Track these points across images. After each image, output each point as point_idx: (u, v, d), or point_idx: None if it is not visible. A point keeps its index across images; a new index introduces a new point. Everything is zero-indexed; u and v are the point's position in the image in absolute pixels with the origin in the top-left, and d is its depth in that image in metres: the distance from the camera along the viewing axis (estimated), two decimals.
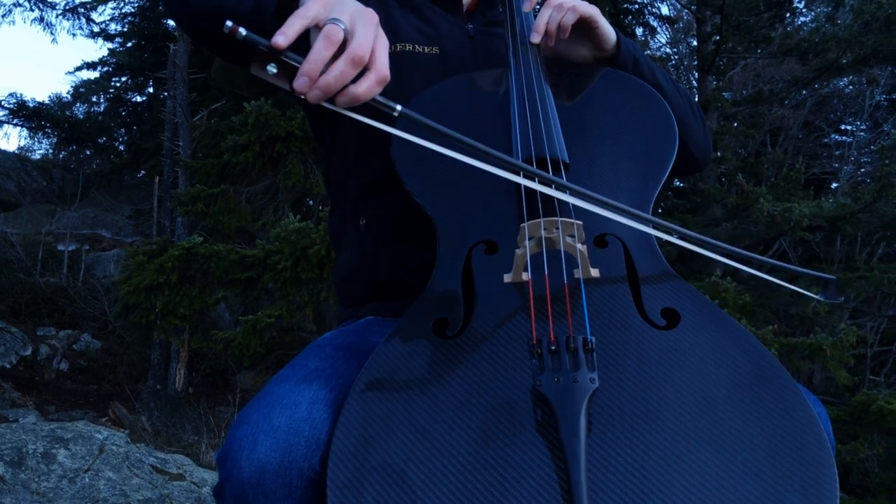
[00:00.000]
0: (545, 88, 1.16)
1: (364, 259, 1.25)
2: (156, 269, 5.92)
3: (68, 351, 9.65)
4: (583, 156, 1.08)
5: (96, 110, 19.99)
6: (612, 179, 1.06)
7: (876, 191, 6.25)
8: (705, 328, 0.88)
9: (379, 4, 1.37)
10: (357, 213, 1.27)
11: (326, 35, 0.84)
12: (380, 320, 1.20)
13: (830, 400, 8.08)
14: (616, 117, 1.16)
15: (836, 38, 7.81)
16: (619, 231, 0.99)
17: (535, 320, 0.87)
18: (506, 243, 0.97)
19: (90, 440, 4.00)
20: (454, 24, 1.39)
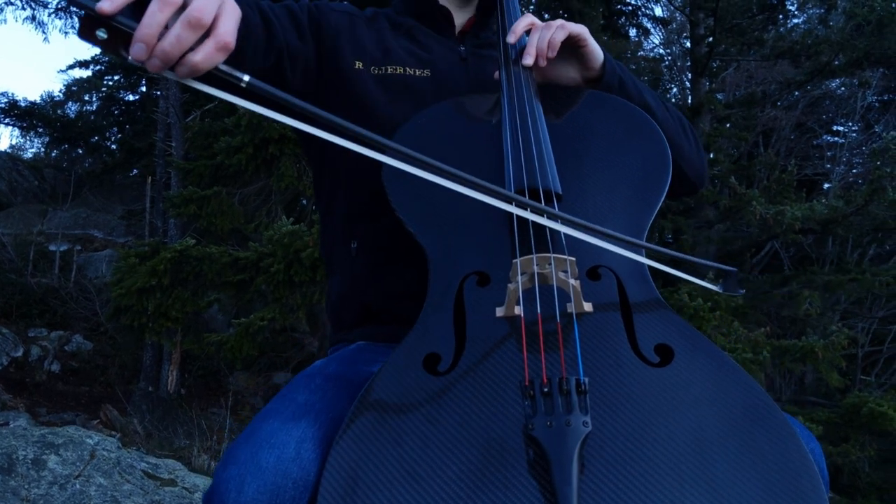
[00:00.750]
0: (538, 114, 1.15)
1: (355, 283, 1.24)
2: (148, 271, 5.90)
3: (60, 352, 9.61)
4: (576, 185, 1.07)
5: (88, 109, 19.92)
6: (606, 208, 1.05)
7: (867, 194, 6.27)
8: (698, 365, 0.87)
9: (371, 27, 1.37)
10: (348, 236, 1.26)
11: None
12: (371, 346, 1.19)
13: (822, 401, 8.12)
14: (609, 143, 1.15)
15: (828, 42, 7.84)
16: (612, 263, 0.99)
17: (528, 358, 0.86)
18: (498, 275, 0.96)
19: (81, 445, 3.98)
20: (446, 46, 1.39)
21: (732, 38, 8.62)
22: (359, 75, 1.29)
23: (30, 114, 15.47)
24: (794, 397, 8.39)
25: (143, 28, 0.77)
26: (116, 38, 0.79)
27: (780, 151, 14.62)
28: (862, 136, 15.05)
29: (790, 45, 8.27)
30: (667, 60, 17.30)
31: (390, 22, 1.41)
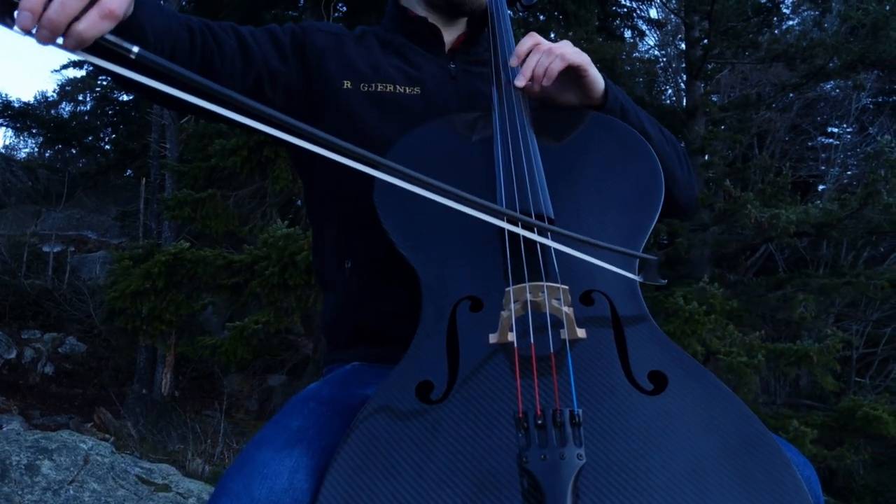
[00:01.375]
0: (529, 134, 1.14)
1: (348, 302, 1.23)
2: (142, 274, 5.88)
3: (53, 354, 9.57)
4: (568, 208, 1.07)
5: (82, 109, 19.86)
6: (598, 231, 1.05)
7: (862, 197, 6.29)
8: (691, 392, 0.87)
9: (360, 45, 1.36)
10: (341, 255, 1.25)
11: None
12: (365, 367, 1.18)
13: (817, 404, 8.14)
14: (602, 164, 1.15)
15: (823, 45, 7.85)
16: (604, 287, 0.98)
17: (521, 387, 0.85)
18: (490, 300, 0.96)
19: (75, 450, 3.96)
20: (436, 63, 1.38)
21: (727, 41, 8.63)
22: (347, 94, 1.29)
23: (23, 114, 15.41)
24: (788, 400, 8.41)
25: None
26: (3, 9, 0.77)
27: (775, 153, 14.66)
28: (857, 138, 15.11)
29: (785, 48, 8.28)
30: (661, 62, 17.35)
31: (379, 40, 1.40)
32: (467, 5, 1.36)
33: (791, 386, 10.15)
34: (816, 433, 5.96)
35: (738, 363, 6.04)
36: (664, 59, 17.16)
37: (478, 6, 1.37)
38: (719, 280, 8.36)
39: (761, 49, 8.78)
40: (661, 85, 17.93)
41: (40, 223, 12.99)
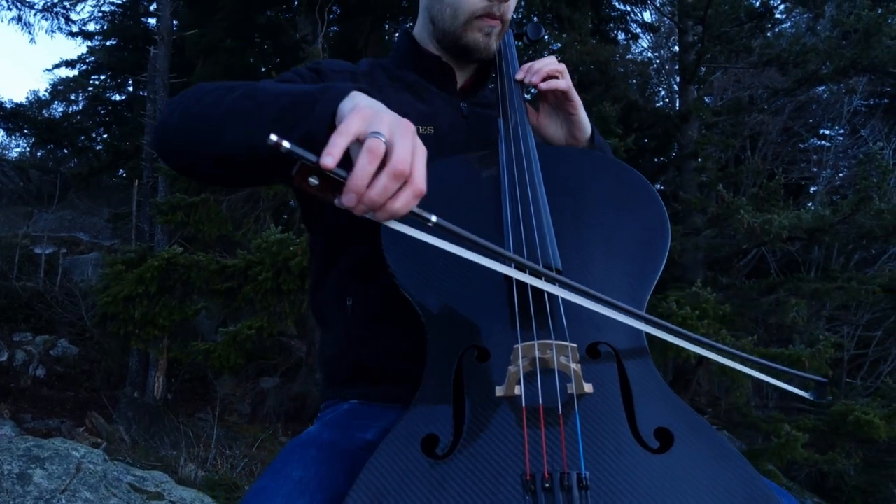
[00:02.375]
0: (536, 176, 1.14)
1: (350, 341, 1.22)
2: (135, 279, 5.86)
3: (45, 357, 9.52)
4: (575, 258, 1.06)
5: (75, 108, 19.76)
6: (605, 282, 1.04)
7: (854, 203, 6.32)
8: (697, 451, 0.87)
9: (372, 83, 1.36)
10: (344, 293, 1.24)
11: (370, 149, 0.84)
12: (364, 406, 1.17)
13: (808, 408, 8.17)
14: (608, 209, 1.14)
15: (815, 50, 7.89)
16: (611, 339, 0.98)
17: (528, 444, 0.85)
18: (497, 351, 0.95)
19: (67, 458, 3.95)
20: (448, 102, 1.38)
21: (721, 46, 8.66)
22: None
23: (15, 115, 15.33)
24: (780, 403, 8.43)
25: (355, 179, 0.84)
26: (327, 185, 0.86)
27: (767, 155, 14.71)
28: (848, 141, 15.17)
29: (778, 53, 8.31)
30: (655, 64, 17.38)
31: (389, 75, 1.40)
32: (480, 53, 1.36)
33: None
34: (808, 437, 5.98)
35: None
36: (657, 61, 17.21)
37: (489, 55, 1.37)
38: (712, 283, 8.38)
39: (754, 53, 8.81)
40: (654, 87, 17.97)
41: (32, 224, 12.93)
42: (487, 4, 1.30)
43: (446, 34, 1.36)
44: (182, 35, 8.96)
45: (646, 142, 9.46)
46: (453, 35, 1.35)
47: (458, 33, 1.34)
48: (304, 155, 0.82)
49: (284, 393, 9.21)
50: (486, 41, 1.34)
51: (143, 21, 16.97)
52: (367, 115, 0.88)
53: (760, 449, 6.15)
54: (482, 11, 1.31)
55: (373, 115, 0.88)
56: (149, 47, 9.80)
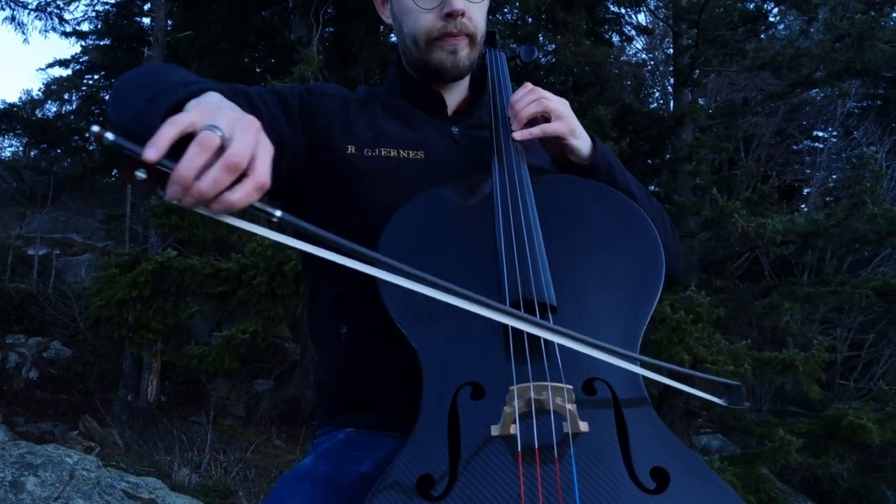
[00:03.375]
0: (530, 204, 1.13)
1: (344, 369, 1.22)
2: (128, 282, 5.84)
3: (38, 359, 9.49)
4: (570, 292, 1.05)
5: (68, 108, 19.69)
6: (600, 316, 1.04)
7: (848, 208, 6.34)
8: (693, 491, 0.87)
9: (363, 110, 1.36)
10: (338, 320, 1.24)
11: (200, 141, 0.80)
12: (360, 436, 1.17)
13: (802, 411, 8.20)
14: (603, 241, 1.13)
15: (809, 54, 7.91)
16: (607, 375, 0.97)
17: (524, 486, 0.84)
18: (492, 388, 0.95)
19: (60, 465, 3.93)
20: (439, 128, 1.38)
21: (715, 49, 8.68)
22: (352, 160, 1.28)
23: (8, 115, 15.28)
24: (773, 407, 8.46)
25: (180, 171, 0.79)
26: (155, 178, 0.81)
27: (761, 157, 14.77)
28: (842, 143, 15.23)
29: (772, 57, 8.33)
30: (649, 65, 17.42)
31: (382, 103, 1.40)
32: (450, 72, 1.35)
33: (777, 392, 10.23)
34: (802, 442, 6.00)
35: (725, 372, 6.08)
36: (652, 62, 17.26)
37: (461, 72, 1.37)
38: (706, 286, 8.40)
39: (748, 57, 8.84)
40: (648, 88, 18.02)
41: (25, 225, 12.89)
42: (442, 24, 1.31)
43: (416, 62, 1.37)
44: (176, 37, 8.94)
45: (640, 144, 9.47)
46: (421, 60, 1.35)
47: (424, 58, 1.34)
48: (127, 146, 0.78)
49: (279, 395, 9.21)
50: (452, 59, 1.33)
51: (137, 21, 16.91)
52: (207, 109, 0.86)
53: (755, 453, 6.17)
54: (438, 32, 1.31)
55: (213, 110, 0.86)
56: (143, 49, 9.78)
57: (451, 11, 1.29)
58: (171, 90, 0.98)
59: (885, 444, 6.34)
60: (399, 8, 1.35)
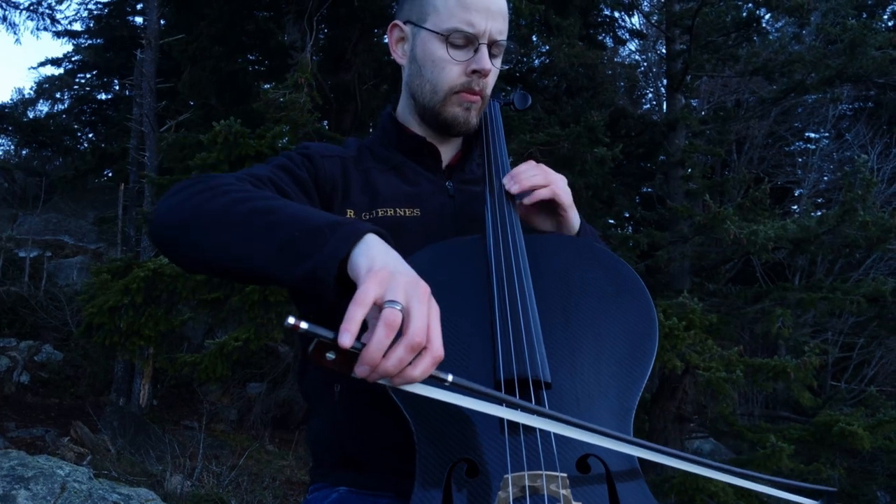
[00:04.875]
0: (524, 272, 1.12)
1: (337, 429, 1.21)
2: (121, 289, 5.82)
3: (29, 363, 9.45)
4: (564, 363, 1.04)
5: (60, 107, 19.61)
6: (595, 388, 1.03)
7: (839, 215, 6.36)
8: None
9: (358, 168, 1.35)
10: (332, 378, 1.23)
11: (386, 323, 0.84)
12: (353, 495, 1.16)
13: (793, 416, 8.24)
14: (596, 305, 1.12)
15: (801, 60, 7.93)
16: (601, 452, 0.97)
17: None
18: (488, 469, 0.94)
19: (52, 478, 3.92)
20: (434, 183, 1.38)
21: (708, 55, 8.70)
22: None
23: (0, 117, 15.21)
24: (765, 412, 8.49)
25: (370, 352, 0.84)
26: (343, 357, 0.86)
27: (753, 159, 14.81)
28: (834, 145, 15.28)
29: (764, 62, 8.36)
30: (643, 66, 17.44)
31: (375, 157, 1.40)
32: (460, 127, 1.36)
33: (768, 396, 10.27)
34: (793, 448, 6.02)
35: (718, 378, 6.09)
36: (645, 63, 17.28)
37: (469, 129, 1.37)
38: (699, 289, 8.43)
39: (741, 62, 8.87)
40: (641, 89, 18.05)
41: (16, 227, 12.82)
42: (466, 80, 1.31)
43: (426, 109, 1.36)
44: (169, 41, 8.90)
45: (634, 148, 9.50)
46: (433, 110, 1.35)
47: (438, 108, 1.34)
48: (322, 333, 0.83)
49: (272, 399, 9.19)
50: (465, 115, 1.34)
51: (129, 20, 16.85)
52: (383, 278, 0.88)
53: (747, 459, 6.19)
54: (461, 87, 1.32)
55: (389, 279, 0.88)
56: (135, 52, 9.73)
57: (480, 69, 1.29)
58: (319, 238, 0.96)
59: (876, 449, 6.37)
60: (425, 54, 1.33)
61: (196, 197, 1.07)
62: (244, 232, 1.00)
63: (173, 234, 1.07)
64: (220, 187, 1.07)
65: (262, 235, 0.99)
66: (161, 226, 1.09)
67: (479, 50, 1.29)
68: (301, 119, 6.12)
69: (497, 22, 1.31)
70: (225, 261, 1.01)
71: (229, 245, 1.00)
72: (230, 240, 1.01)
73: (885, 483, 9.51)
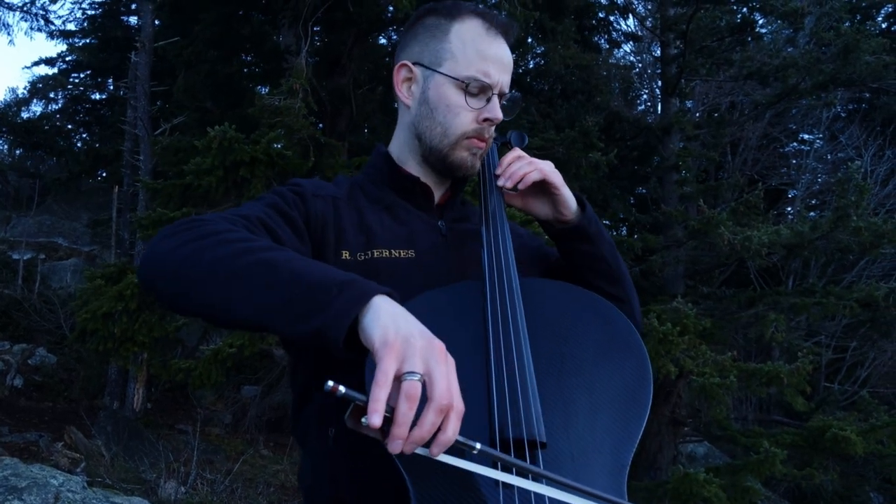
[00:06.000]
0: (521, 325, 1.11)
1: (330, 474, 1.20)
2: (114, 295, 5.81)
3: (23, 366, 9.41)
4: (559, 420, 1.04)
5: (54, 107, 19.54)
6: (590, 444, 1.03)
7: (832, 221, 6.39)
8: None
9: (351, 207, 1.35)
10: (326, 422, 1.22)
11: (408, 395, 0.86)
12: None
13: (787, 421, 8.26)
14: (592, 357, 1.12)
15: (795, 65, 7.95)
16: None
17: None
18: None
19: (45, 488, 3.91)
20: (427, 222, 1.39)
21: (702, 59, 8.72)
22: (345, 266, 1.27)
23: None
24: (758, 416, 8.52)
25: (399, 427, 0.86)
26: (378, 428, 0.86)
27: (748, 160, 14.83)
28: (828, 146, 15.32)
29: (758, 67, 8.38)
30: (637, 67, 17.46)
31: (367, 196, 1.40)
32: (466, 171, 1.38)
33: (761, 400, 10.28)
34: (786, 454, 6.04)
35: (711, 384, 6.11)
36: (640, 65, 17.30)
37: (472, 174, 1.40)
38: (692, 292, 8.45)
39: (735, 66, 8.89)
40: (636, 90, 18.07)
41: (10, 229, 12.77)
42: (478, 127, 1.33)
43: (433, 151, 1.37)
44: (164, 44, 8.87)
45: (628, 152, 9.51)
46: (441, 153, 1.36)
47: (446, 152, 1.35)
48: (357, 398, 0.86)
49: (266, 403, 9.18)
50: (472, 160, 1.37)
51: (123, 20, 16.80)
52: (399, 349, 0.89)
53: (740, 465, 6.21)
54: (473, 133, 1.34)
55: (405, 349, 0.89)
56: (129, 55, 9.71)
57: (491, 118, 1.33)
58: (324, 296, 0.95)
59: (869, 454, 6.40)
60: (439, 98, 1.34)
61: (190, 245, 1.05)
62: (245, 284, 0.99)
63: (163, 284, 1.06)
64: (216, 235, 1.06)
65: (266, 289, 0.98)
66: (151, 272, 1.08)
67: (492, 100, 1.33)
68: (296, 125, 6.11)
69: (508, 75, 1.35)
70: (221, 313, 1.01)
71: (230, 297, 1.00)
72: (230, 295, 1.00)
73: (878, 486, 9.54)
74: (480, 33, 1.33)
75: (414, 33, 1.40)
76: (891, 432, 6.30)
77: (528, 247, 1.50)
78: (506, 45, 1.36)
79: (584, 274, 1.41)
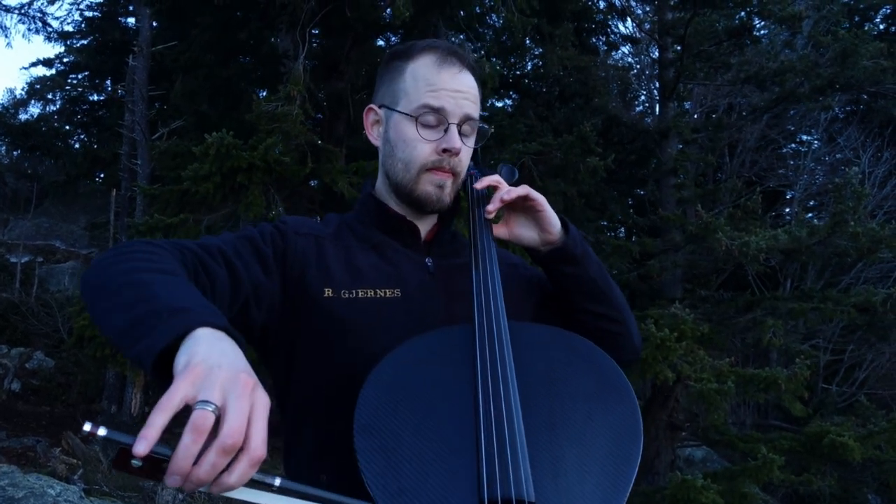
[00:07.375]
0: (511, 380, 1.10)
1: None
2: None
3: (20, 370, 9.40)
4: (549, 476, 1.03)
5: (52, 108, 19.52)
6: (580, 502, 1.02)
7: (830, 227, 6.40)
8: None
9: (338, 246, 1.35)
10: (317, 468, 1.22)
11: (195, 427, 0.77)
12: None
13: (784, 425, 8.28)
14: (582, 409, 1.10)
15: (793, 69, 7.96)
16: None
17: None
18: None
19: (42, 497, 3.91)
20: (414, 261, 1.38)
21: (700, 63, 8.72)
22: (329, 303, 1.27)
23: None
24: (756, 420, 8.53)
25: (177, 461, 0.77)
26: (151, 465, 0.79)
27: (746, 162, 14.84)
28: (826, 148, 15.33)
29: (756, 71, 8.39)
30: (635, 68, 17.47)
31: (355, 235, 1.40)
32: (433, 205, 1.38)
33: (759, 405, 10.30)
34: (784, 459, 6.05)
35: (709, 390, 6.12)
36: (637, 66, 17.31)
37: (442, 206, 1.39)
38: (690, 296, 8.45)
39: (733, 69, 8.90)
40: (634, 92, 18.07)
41: (7, 232, 12.76)
42: (437, 158, 1.34)
43: (400, 187, 1.38)
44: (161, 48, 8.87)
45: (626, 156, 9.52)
46: (406, 188, 1.37)
47: (411, 186, 1.37)
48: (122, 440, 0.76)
49: None
50: (438, 193, 1.37)
51: (120, 21, 16.80)
52: (197, 376, 0.81)
53: (738, 470, 6.22)
54: (432, 164, 1.35)
55: (204, 376, 0.81)
56: (126, 57, 9.70)
57: (448, 148, 1.33)
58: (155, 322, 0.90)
59: (867, 460, 6.41)
60: (397, 134, 1.37)
61: (106, 259, 1.08)
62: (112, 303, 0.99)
63: (83, 294, 1.10)
64: (128, 254, 1.08)
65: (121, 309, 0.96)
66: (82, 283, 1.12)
67: (449, 130, 1.33)
68: (293, 131, 6.11)
69: (469, 101, 1.36)
70: (100, 328, 1.01)
71: (102, 314, 1.00)
72: (103, 308, 1.00)
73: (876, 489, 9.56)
74: (431, 67, 1.35)
75: (380, 76, 1.44)
76: (889, 438, 6.32)
77: (521, 278, 1.49)
78: (464, 74, 1.36)
79: (574, 297, 1.41)
